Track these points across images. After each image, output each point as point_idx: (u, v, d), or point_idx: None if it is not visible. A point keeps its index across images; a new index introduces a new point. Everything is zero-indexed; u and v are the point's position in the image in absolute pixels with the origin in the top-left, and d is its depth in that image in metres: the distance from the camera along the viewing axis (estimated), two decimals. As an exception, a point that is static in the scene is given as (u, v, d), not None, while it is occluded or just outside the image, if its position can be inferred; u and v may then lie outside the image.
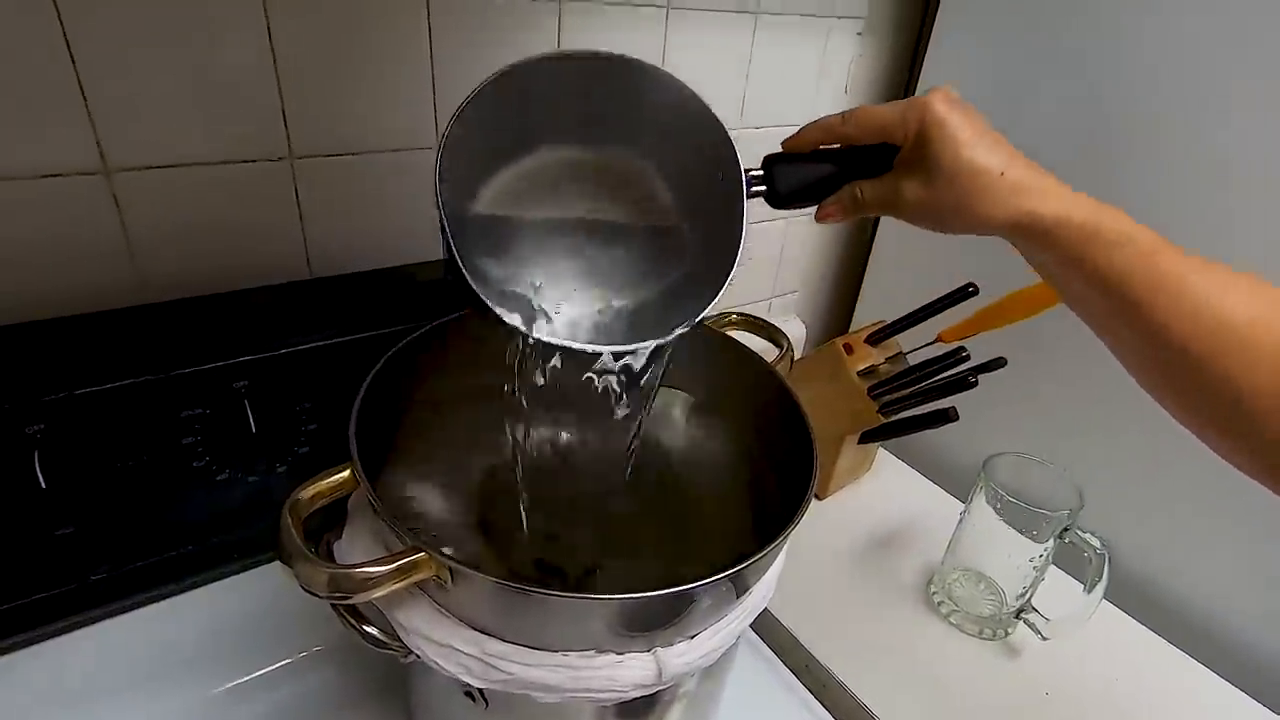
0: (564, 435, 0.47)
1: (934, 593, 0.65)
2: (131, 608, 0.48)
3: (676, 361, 0.49)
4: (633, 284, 0.37)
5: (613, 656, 0.33)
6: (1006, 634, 0.62)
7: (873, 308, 0.89)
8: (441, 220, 0.33)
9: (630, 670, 0.33)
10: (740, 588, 0.35)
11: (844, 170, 0.39)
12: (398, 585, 0.30)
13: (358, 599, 0.30)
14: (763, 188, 0.39)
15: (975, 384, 0.61)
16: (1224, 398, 0.31)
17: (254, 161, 0.51)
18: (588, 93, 0.37)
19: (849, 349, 0.70)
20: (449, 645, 0.33)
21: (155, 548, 0.47)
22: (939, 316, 0.67)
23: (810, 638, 0.60)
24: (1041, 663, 0.60)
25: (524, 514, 0.42)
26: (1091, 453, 0.69)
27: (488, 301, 0.34)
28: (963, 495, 0.64)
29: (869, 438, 0.73)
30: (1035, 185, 0.34)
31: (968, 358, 0.62)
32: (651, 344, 0.35)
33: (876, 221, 0.88)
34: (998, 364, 0.64)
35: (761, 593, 0.38)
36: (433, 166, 0.34)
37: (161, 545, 0.47)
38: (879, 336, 0.72)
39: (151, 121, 0.46)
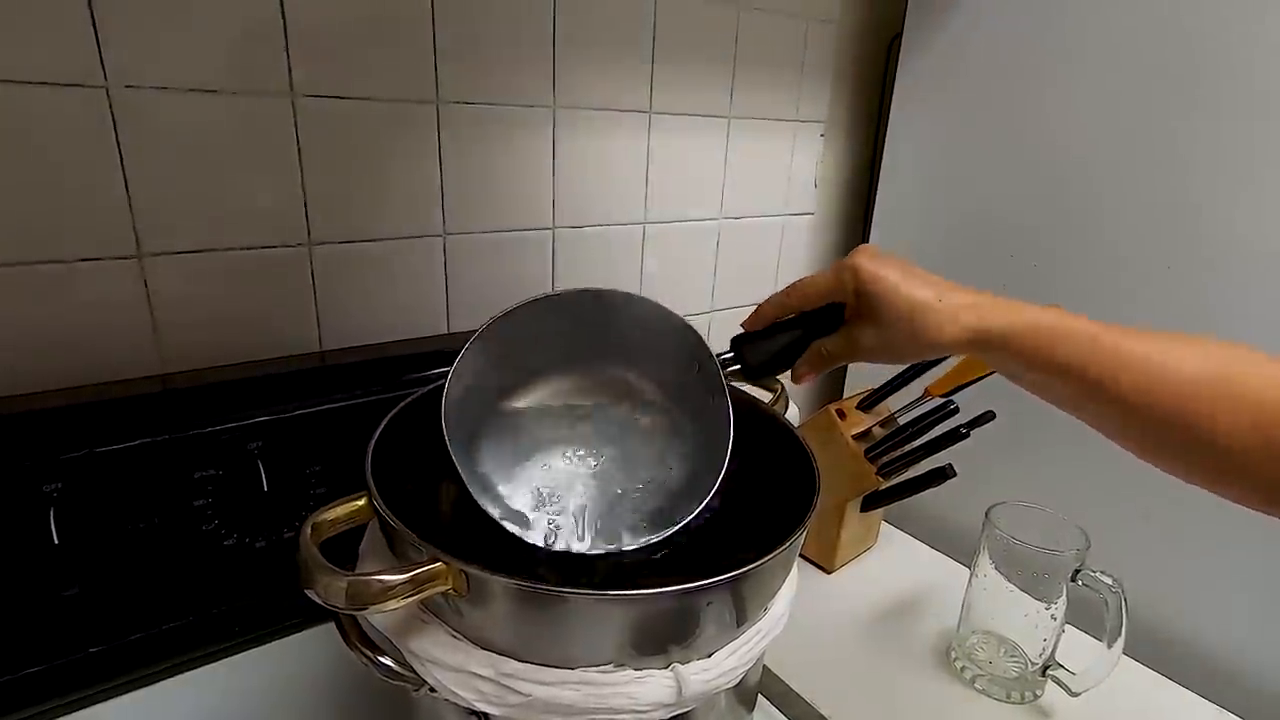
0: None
1: (955, 659, 0.63)
2: (125, 689, 0.46)
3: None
4: (636, 479, 0.43)
5: (631, 673, 0.32)
6: (1036, 696, 0.60)
7: (860, 382, 0.92)
8: (450, 452, 0.37)
9: (650, 687, 0.32)
10: (751, 599, 0.35)
11: (804, 335, 0.44)
12: (415, 596, 0.30)
13: (374, 610, 0.30)
14: (736, 366, 0.44)
15: (967, 435, 0.63)
16: (1204, 447, 0.33)
17: (276, 247, 0.55)
18: (576, 325, 0.44)
19: (841, 414, 0.72)
20: (464, 670, 0.32)
21: (156, 618, 0.45)
22: (924, 376, 0.70)
23: (836, 712, 0.57)
24: (1076, 724, 0.57)
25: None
26: (1091, 500, 0.70)
27: (504, 524, 0.39)
28: (970, 562, 0.64)
29: (871, 503, 0.73)
30: (972, 304, 0.38)
31: (957, 410, 0.64)
32: (668, 533, 0.40)
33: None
34: (986, 418, 0.66)
35: (777, 611, 0.37)
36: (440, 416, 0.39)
37: (163, 615, 0.46)
38: (870, 401, 0.74)
39: (186, 210, 0.51)
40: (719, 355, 0.43)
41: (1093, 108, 0.68)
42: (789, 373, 0.46)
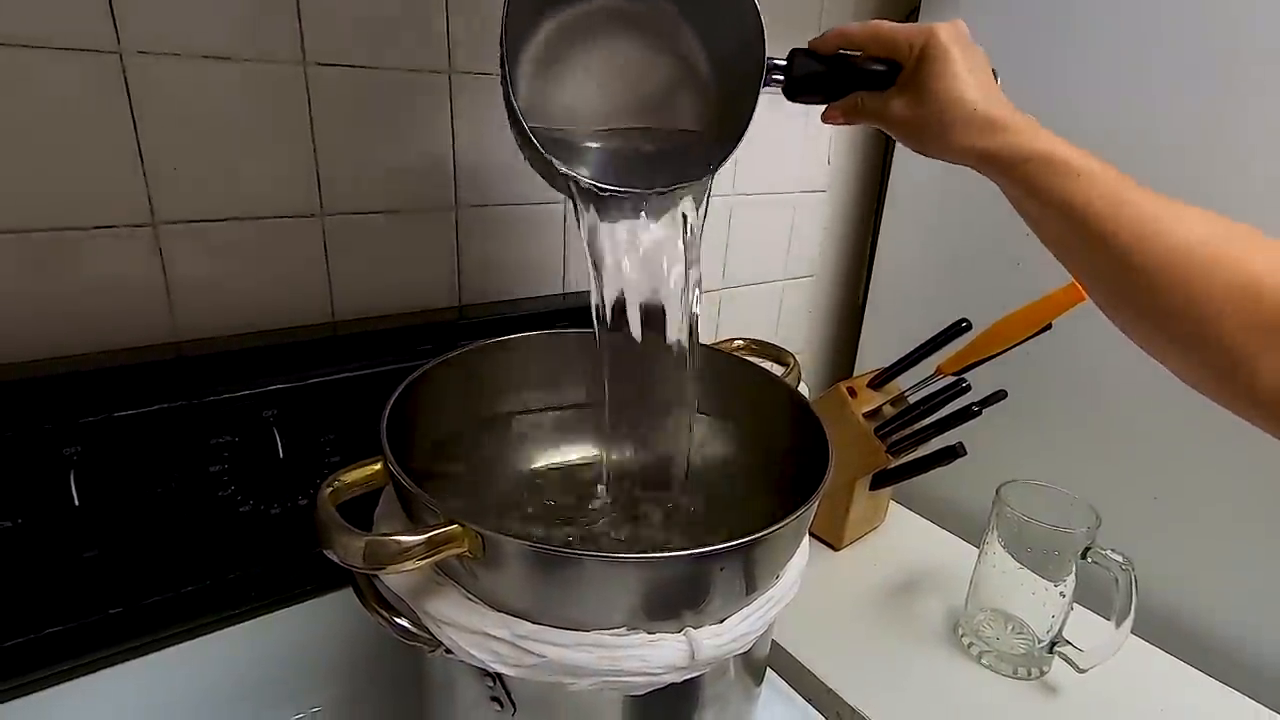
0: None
1: (962, 635, 0.63)
2: (140, 651, 0.47)
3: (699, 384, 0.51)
4: (660, 120, 0.43)
5: (644, 635, 0.33)
6: (1042, 672, 0.60)
7: (871, 363, 0.91)
8: (503, 56, 0.37)
9: (663, 650, 0.33)
10: (763, 566, 0.35)
11: (852, 78, 0.43)
12: (431, 557, 0.30)
13: (391, 570, 0.30)
14: (780, 77, 0.43)
15: (979, 413, 0.63)
16: (1189, 318, 0.32)
17: (288, 217, 0.55)
18: None
19: (852, 392, 0.72)
20: (480, 632, 0.33)
21: (174, 581, 0.46)
22: (936, 355, 0.69)
23: (843, 685, 0.58)
24: (1081, 700, 0.58)
25: (553, 520, 0.42)
26: (1101, 480, 0.70)
27: (542, 150, 0.38)
28: (977, 541, 0.64)
29: (880, 481, 0.73)
30: (1007, 123, 0.37)
31: (968, 388, 0.64)
32: (684, 186, 0.41)
33: (869, 280, 0.92)
34: (998, 397, 0.65)
35: (788, 580, 0.38)
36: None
37: (180, 579, 0.46)
38: (880, 380, 0.74)
39: (200, 179, 0.51)
40: (770, 58, 0.42)
41: (1109, 89, 0.67)
42: (821, 111, 0.46)
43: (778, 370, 0.50)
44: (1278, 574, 0.62)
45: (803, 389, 0.91)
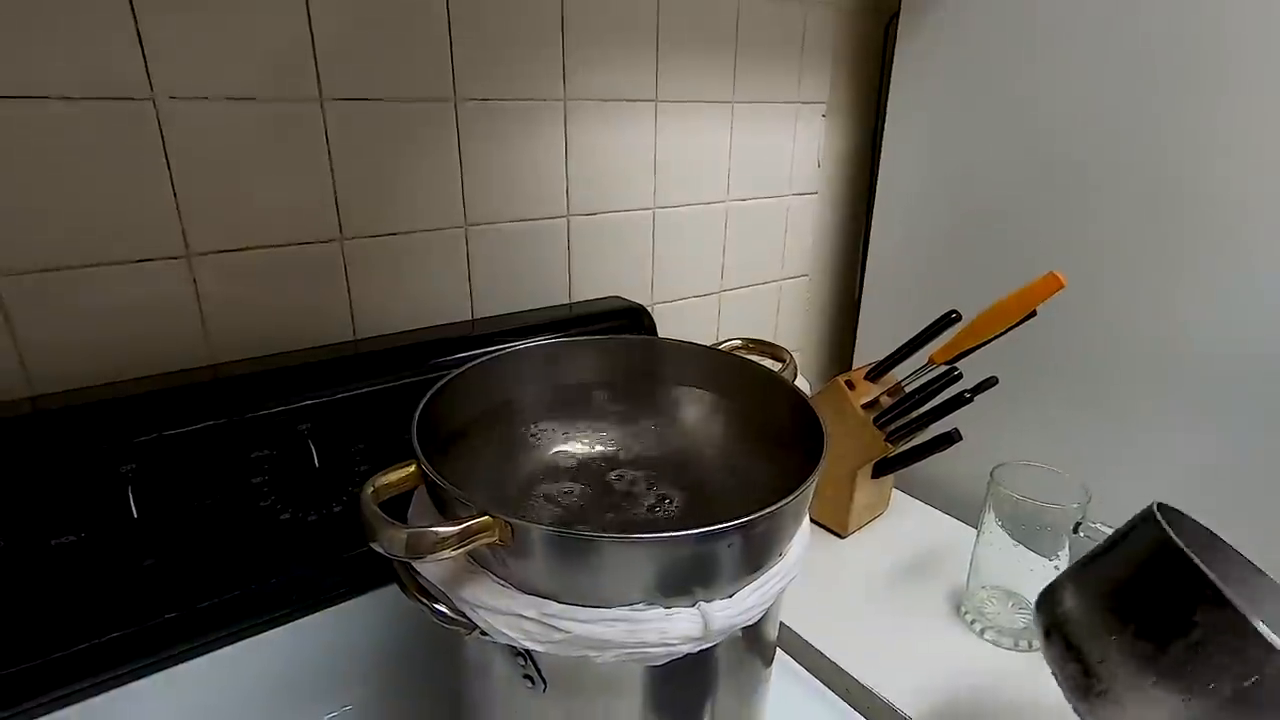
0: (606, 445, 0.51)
1: (965, 613, 0.66)
2: (193, 654, 0.50)
3: (700, 383, 0.55)
4: None
5: (661, 610, 0.36)
6: (1043, 643, 0.63)
7: (869, 356, 0.94)
8: None
9: (678, 624, 0.36)
10: (766, 543, 0.38)
11: None
12: (465, 546, 0.34)
13: (429, 559, 0.33)
14: None
15: (971, 399, 0.66)
16: None
17: (310, 243, 0.59)
18: None
19: (850, 385, 0.75)
20: (511, 613, 0.36)
21: (222, 586, 0.50)
22: (929, 346, 0.72)
23: (851, 663, 0.61)
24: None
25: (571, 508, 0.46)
26: (1092, 459, 0.73)
27: None
28: (977, 522, 0.67)
29: (882, 470, 0.76)
30: None
31: (960, 376, 0.67)
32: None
33: (863, 276, 0.95)
34: (990, 384, 0.68)
35: (792, 557, 0.41)
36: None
37: (228, 584, 0.50)
38: (877, 372, 0.77)
39: (228, 211, 0.54)
40: None
41: (1087, 85, 0.70)
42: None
43: (775, 366, 0.53)
44: (1266, 544, 0.65)
45: (803, 383, 0.94)
